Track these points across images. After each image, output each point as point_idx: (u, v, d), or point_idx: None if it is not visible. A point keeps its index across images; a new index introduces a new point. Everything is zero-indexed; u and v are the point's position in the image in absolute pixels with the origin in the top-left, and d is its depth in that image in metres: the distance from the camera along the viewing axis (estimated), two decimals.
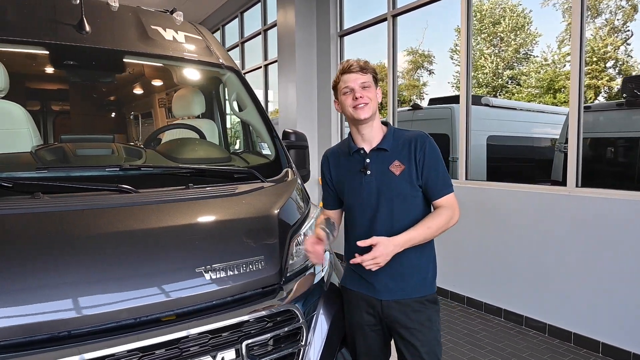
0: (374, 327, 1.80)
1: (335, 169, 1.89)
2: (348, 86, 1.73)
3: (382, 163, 1.75)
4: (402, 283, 1.74)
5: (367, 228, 1.74)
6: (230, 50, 9.51)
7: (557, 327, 3.58)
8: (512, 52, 20.89)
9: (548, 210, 3.62)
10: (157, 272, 1.46)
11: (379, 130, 1.80)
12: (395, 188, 1.72)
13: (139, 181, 1.87)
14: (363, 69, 1.73)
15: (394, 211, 1.72)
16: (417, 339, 1.72)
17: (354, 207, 1.81)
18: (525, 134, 7.23)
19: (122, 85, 3.24)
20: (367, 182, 1.75)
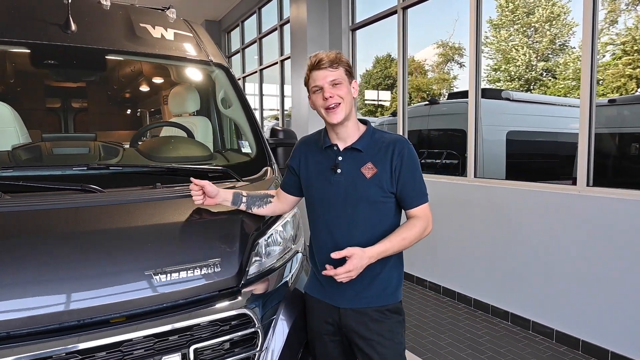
0: (332, 336, 1.73)
1: (305, 159, 1.78)
2: (317, 84, 1.61)
3: (354, 163, 1.65)
4: (361, 291, 1.65)
5: (327, 229, 1.67)
6: (249, 47, 9.55)
7: (564, 333, 3.40)
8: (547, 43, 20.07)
9: (557, 211, 3.44)
10: (105, 273, 1.45)
11: (354, 129, 1.69)
12: (364, 191, 1.62)
13: (108, 181, 1.88)
14: (333, 64, 1.59)
15: (358, 215, 1.63)
16: (375, 352, 1.63)
17: (317, 204, 1.72)
18: (548, 129, 6.92)
19: (107, 84, 3.27)
20: (335, 180, 1.65)
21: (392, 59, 16.22)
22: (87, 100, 3.23)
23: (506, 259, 3.83)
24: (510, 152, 6.36)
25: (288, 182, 1.86)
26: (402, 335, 1.69)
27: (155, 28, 2.74)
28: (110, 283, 1.44)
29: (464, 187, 4.28)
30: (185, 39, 2.83)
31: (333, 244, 1.63)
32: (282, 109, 8.30)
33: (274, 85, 8.75)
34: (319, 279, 1.72)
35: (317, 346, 1.77)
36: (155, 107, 4.24)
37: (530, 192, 3.65)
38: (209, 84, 3.17)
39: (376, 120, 9.34)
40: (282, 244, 1.96)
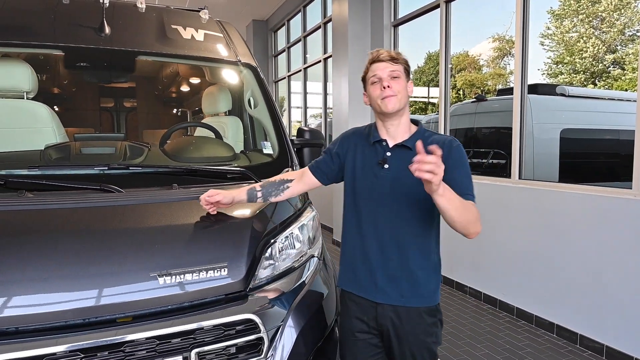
0: (364, 334, 1.71)
1: (354, 149, 1.76)
2: (376, 75, 1.63)
3: (402, 160, 1.61)
4: (399, 289, 1.64)
5: (371, 221, 1.66)
6: (294, 45, 9.59)
7: (617, 350, 3.12)
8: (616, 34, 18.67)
9: (609, 216, 3.16)
10: (110, 273, 1.47)
11: (406, 127, 1.69)
12: (409, 188, 1.59)
13: (128, 181, 1.92)
14: (394, 59, 1.63)
15: (402, 210, 1.62)
16: (409, 353, 1.64)
17: (360, 196, 1.69)
18: (608, 126, 6.40)
19: (140, 85, 3.37)
20: (382, 175, 1.65)
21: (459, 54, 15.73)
22: (118, 100, 3.35)
23: (553, 268, 3.57)
24: (564, 152, 5.94)
25: (322, 166, 1.82)
26: (435, 335, 1.69)
27: (186, 29, 2.79)
28: (114, 283, 1.46)
29: (506, 189, 4.04)
30: (215, 40, 2.86)
31: (377, 236, 1.64)
32: (325, 106, 8.26)
33: (319, 83, 8.73)
34: (355, 273, 1.71)
35: (346, 344, 1.76)
36: (195, 106, 4.35)
37: (580, 196, 3.38)
38: (239, 84, 3.19)
39: (423, 118, 9.09)
40: (297, 247, 1.92)
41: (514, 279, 3.93)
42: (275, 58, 10.92)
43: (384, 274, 1.65)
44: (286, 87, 10.14)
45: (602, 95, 7.51)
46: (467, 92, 10.89)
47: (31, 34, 2.28)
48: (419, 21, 5.52)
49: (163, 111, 4.13)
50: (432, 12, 5.17)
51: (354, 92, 6.14)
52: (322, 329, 1.82)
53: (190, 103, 4.09)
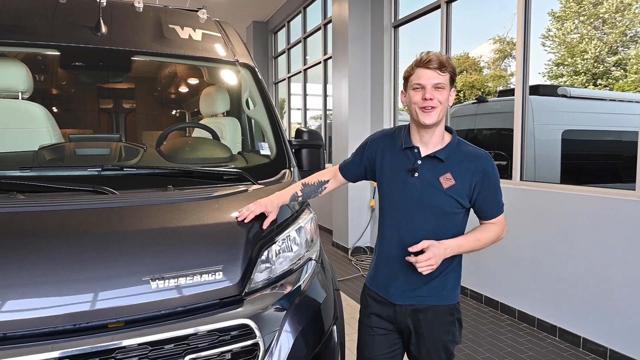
0: (383, 330, 1.74)
1: (382, 152, 1.76)
2: (420, 83, 1.58)
3: (433, 171, 1.64)
4: (418, 290, 1.67)
5: (395, 227, 1.69)
6: (294, 47, 9.57)
7: (620, 353, 3.07)
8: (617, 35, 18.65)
9: (613, 218, 3.12)
10: (102, 277, 1.43)
11: (439, 136, 1.67)
12: (437, 200, 1.62)
13: (122, 182, 1.88)
14: (442, 67, 1.57)
15: (427, 221, 1.64)
16: (426, 351, 1.68)
17: (387, 202, 1.73)
18: (610, 127, 6.35)
19: (137, 85, 3.34)
20: (411, 183, 1.65)
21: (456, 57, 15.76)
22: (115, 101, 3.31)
23: (555, 270, 3.53)
24: (566, 153, 5.90)
25: (352, 168, 1.86)
26: (453, 334, 1.72)
27: (184, 29, 2.76)
28: (106, 287, 1.43)
29: (507, 191, 3.94)
30: (212, 39, 2.82)
31: (399, 242, 1.67)
32: (325, 108, 8.23)
33: (319, 85, 8.70)
34: (378, 274, 1.76)
35: (364, 339, 1.79)
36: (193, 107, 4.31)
37: (583, 197, 3.34)
38: (237, 85, 3.15)
39: None
40: (295, 250, 1.88)
41: (516, 282, 3.88)
42: (275, 59, 10.90)
43: (406, 277, 1.67)
44: (286, 88, 10.11)
45: (604, 96, 7.47)
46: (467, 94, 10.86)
47: (27, 33, 2.25)
48: (419, 22, 5.49)
49: (161, 112, 4.09)
50: (432, 12, 5.14)
51: (354, 93, 6.11)
52: (320, 334, 1.78)
53: (188, 104, 4.06)
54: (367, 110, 6.21)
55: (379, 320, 1.75)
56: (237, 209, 1.79)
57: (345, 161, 1.90)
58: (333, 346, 1.85)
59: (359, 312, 1.88)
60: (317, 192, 1.88)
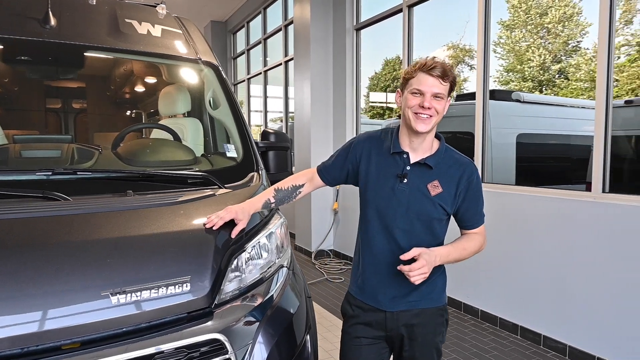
0: (370, 339, 1.69)
1: (368, 156, 1.69)
2: (420, 89, 1.53)
3: (421, 177, 1.61)
4: (408, 295, 1.65)
5: (386, 234, 1.64)
6: (254, 48, 9.42)
7: (579, 349, 3.18)
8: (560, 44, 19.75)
9: (571, 218, 3.22)
10: (55, 293, 1.29)
11: (429, 143, 1.64)
12: (425, 208, 1.60)
13: (76, 187, 1.73)
14: (445, 76, 1.52)
15: (414, 228, 1.62)
16: (421, 354, 1.67)
17: (373, 208, 1.66)
18: (560, 131, 6.66)
19: (89, 83, 3.13)
20: (399, 189, 1.61)
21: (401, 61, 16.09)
22: (66, 100, 3.09)
23: (516, 269, 3.62)
24: (520, 156, 6.12)
25: (333, 171, 1.78)
26: (442, 335, 1.73)
27: (142, 24, 2.60)
28: (59, 304, 1.28)
29: None
30: (173, 36, 2.68)
31: (387, 249, 1.63)
32: (286, 111, 8.14)
33: (279, 87, 8.60)
34: (365, 283, 1.70)
35: (349, 350, 1.73)
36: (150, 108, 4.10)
37: (542, 199, 3.44)
38: (199, 84, 3.01)
39: (383, 122, 9.14)
40: (265, 257, 1.79)
41: (478, 282, 3.95)
42: (235, 60, 10.69)
43: (396, 284, 1.63)
44: (246, 90, 9.94)
45: (554, 102, 7.83)
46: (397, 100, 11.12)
47: None
48: (381, 25, 5.52)
49: (116, 112, 3.86)
50: (394, 16, 5.18)
51: (316, 95, 6.07)
52: (294, 346, 1.69)
53: (145, 104, 3.86)
54: (329, 113, 6.18)
55: (366, 329, 1.69)
56: (204, 215, 1.67)
57: (325, 163, 1.81)
58: (307, 357, 1.77)
59: (342, 323, 1.82)
60: (292, 197, 1.79)
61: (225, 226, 1.65)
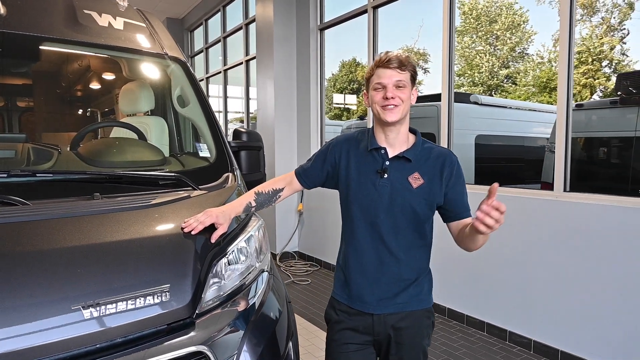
0: (357, 344, 1.66)
1: (347, 157, 1.69)
2: (381, 82, 1.56)
3: (402, 171, 1.61)
4: (396, 297, 1.63)
5: (371, 232, 1.62)
6: (212, 46, 9.19)
7: (543, 343, 3.29)
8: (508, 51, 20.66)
9: (534, 217, 3.33)
10: (17, 308, 1.15)
11: (405, 136, 1.64)
12: (408, 201, 1.59)
13: (35, 190, 1.57)
14: (402, 66, 1.55)
15: (400, 222, 1.60)
16: (407, 357, 1.64)
17: (357, 207, 1.64)
18: (515, 133, 6.94)
19: (41, 78, 2.91)
20: (381, 185, 1.60)
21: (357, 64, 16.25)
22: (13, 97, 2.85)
23: (481, 268, 3.70)
24: (478, 157, 6.31)
25: (312, 174, 1.75)
26: (429, 337, 1.72)
27: (102, 16, 2.43)
28: (23, 320, 1.14)
29: None
30: (136, 29, 2.53)
31: (374, 247, 1.61)
32: (247, 111, 7.99)
33: (239, 87, 8.43)
34: (350, 286, 1.67)
35: (338, 357, 1.68)
36: (106, 106, 3.87)
37: (505, 198, 3.53)
38: (164, 80, 2.86)
39: (344, 123, 9.17)
40: (244, 262, 1.70)
41: (445, 281, 4.01)
42: (192, 59, 10.38)
43: (384, 285, 1.62)
44: (204, 89, 9.67)
45: (511, 105, 8.14)
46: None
47: None
48: (345, 26, 5.52)
49: (68, 111, 3.61)
50: (356, 18, 5.19)
51: (281, 95, 5.98)
52: (278, 354, 1.62)
53: (101, 101, 3.64)
54: (293, 113, 6.11)
55: (353, 334, 1.66)
56: (181, 218, 1.57)
57: (303, 167, 1.79)
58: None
59: (326, 330, 1.77)
60: (271, 201, 1.75)
61: (205, 230, 1.56)
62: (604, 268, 2.92)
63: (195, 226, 1.52)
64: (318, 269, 5.64)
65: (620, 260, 2.85)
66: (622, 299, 2.83)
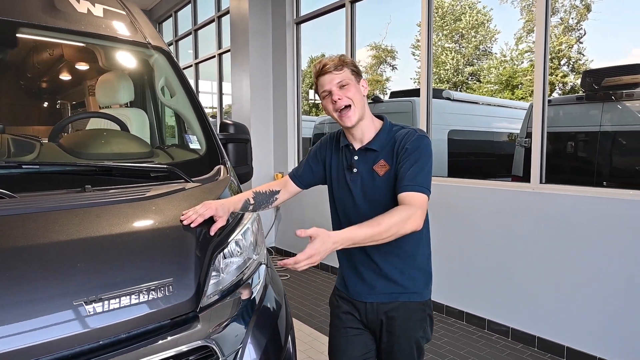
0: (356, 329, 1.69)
1: (330, 154, 1.75)
2: (325, 89, 1.57)
3: (368, 162, 1.62)
4: (388, 287, 1.63)
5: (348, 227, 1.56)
6: (183, 39, 8.97)
7: (520, 330, 3.40)
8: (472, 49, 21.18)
9: (511, 208, 3.43)
10: (15, 305, 1.08)
11: (370, 127, 1.63)
12: (378, 191, 1.58)
13: (21, 183, 1.49)
14: (337, 67, 1.54)
15: (376, 214, 1.46)
16: (398, 348, 1.64)
17: (337, 203, 1.71)
18: (486, 128, 7.13)
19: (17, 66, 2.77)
20: (352, 180, 1.63)
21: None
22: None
23: (460, 259, 3.78)
24: (451, 151, 6.45)
25: (303, 175, 1.80)
26: (424, 331, 1.68)
27: (80, 2, 2.32)
28: (22, 318, 1.08)
29: None
30: (117, 17, 2.43)
31: None
32: (221, 106, 7.85)
33: (209, 82, 8.27)
34: (344, 276, 1.72)
35: (338, 342, 1.72)
36: (78, 98, 3.71)
37: (483, 190, 3.62)
38: (146, 71, 2.76)
39: (317, 119, 9.17)
40: (243, 255, 1.67)
41: None
42: None
43: (372, 274, 1.64)
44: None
45: (481, 101, 8.35)
46: None
47: None
48: (322, 20, 5.50)
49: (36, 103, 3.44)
50: (336, 11, 5.19)
51: (257, 89, 5.91)
52: (280, 346, 1.60)
53: (77, 92, 3.49)
54: (269, 107, 6.05)
55: (352, 319, 1.70)
56: (179, 211, 1.52)
57: (297, 169, 1.83)
58: (290, 357, 1.69)
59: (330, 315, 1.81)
60: (269, 202, 1.77)
61: (204, 223, 1.52)
62: (579, 256, 3.05)
63: (194, 218, 1.48)
64: None
65: (594, 248, 2.98)
66: (597, 285, 2.97)
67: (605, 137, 4.69)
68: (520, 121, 5.59)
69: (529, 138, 3.65)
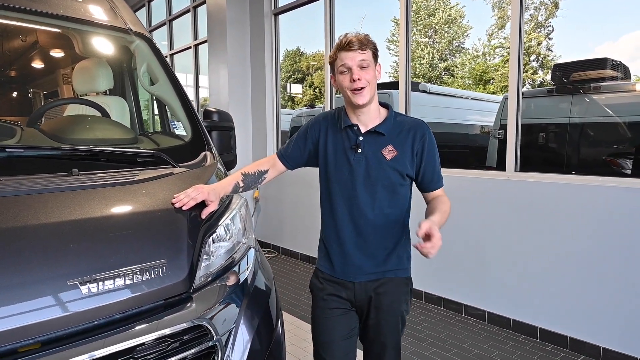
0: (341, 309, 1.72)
1: (325, 134, 1.75)
2: (345, 64, 1.59)
3: (375, 145, 1.66)
4: (376, 266, 1.69)
5: (346, 207, 1.68)
6: (156, 30, 8.79)
7: (496, 314, 3.52)
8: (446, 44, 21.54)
9: (487, 195, 3.54)
10: (10, 286, 1.07)
11: (376, 112, 1.70)
12: (383, 173, 1.65)
13: (4, 166, 1.45)
14: (362, 46, 1.59)
15: (376, 196, 1.66)
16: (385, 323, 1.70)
17: (335, 183, 1.71)
18: (461, 121, 7.29)
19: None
20: (356, 159, 1.66)
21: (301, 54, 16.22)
22: None
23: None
24: None
25: (294, 154, 1.80)
26: (407, 304, 1.78)
27: None
28: (17, 298, 1.07)
29: None
30: (96, 1, 2.38)
31: (352, 220, 1.67)
32: (197, 99, 7.75)
33: (184, 74, 8.14)
34: (331, 258, 1.73)
35: (322, 323, 1.74)
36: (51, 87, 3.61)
37: (461, 179, 3.72)
38: (126, 57, 2.72)
39: (294, 112, 9.16)
40: (232, 239, 1.68)
41: None
42: None
43: (361, 255, 1.68)
44: None
45: (456, 94, 8.51)
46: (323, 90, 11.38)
47: None
48: (300, 11, 5.50)
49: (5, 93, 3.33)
50: (313, 3, 5.19)
51: (235, 81, 5.86)
52: (272, 326, 1.63)
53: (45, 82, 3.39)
54: (247, 99, 6.02)
55: (337, 300, 1.72)
56: (170, 194, 1.52)
57: (285, 148, 1.83)
58: (279, 338, 1.72)
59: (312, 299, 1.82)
60: (258, 182, 1.78)
61: (195, 207, 1.52)
62: (550, 240, 3.18)
63: (186, 202, 1.49)
64: (276, 255, 5.64)
65: (564, 232, 3.11)
66: (571, 269, 3.10)
67: (574, 128, 4.87)
68: (492, 114, 5.74)
69: (503, 130, 3.77)
